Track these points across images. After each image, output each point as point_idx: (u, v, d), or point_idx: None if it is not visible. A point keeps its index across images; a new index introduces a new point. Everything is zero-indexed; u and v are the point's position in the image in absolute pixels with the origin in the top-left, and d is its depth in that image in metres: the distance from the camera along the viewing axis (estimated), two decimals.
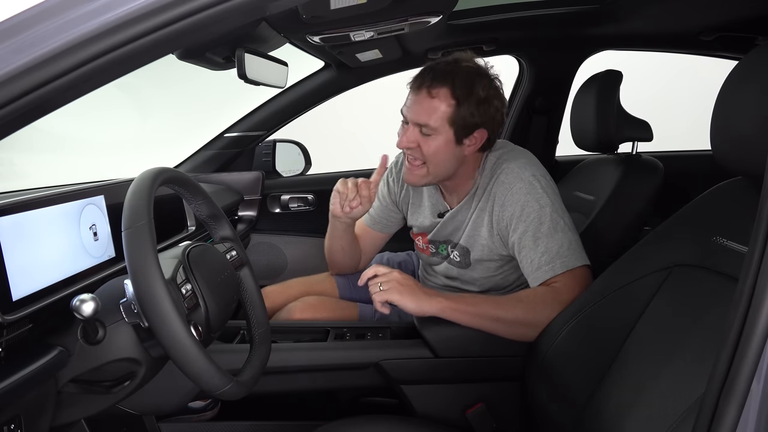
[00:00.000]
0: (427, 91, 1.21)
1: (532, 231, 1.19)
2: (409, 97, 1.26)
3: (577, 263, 1.17)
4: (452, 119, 1.21)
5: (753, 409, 0.51)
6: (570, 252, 1.17)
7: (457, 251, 1.36)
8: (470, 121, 1.21)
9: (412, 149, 1.25)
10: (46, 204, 0.86)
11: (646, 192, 1.40)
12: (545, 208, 1.19)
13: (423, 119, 1.21)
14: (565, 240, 1.18)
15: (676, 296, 0.89)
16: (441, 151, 1.23)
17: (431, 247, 1.44)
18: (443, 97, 1.20)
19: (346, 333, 1.26)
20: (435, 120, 1.20)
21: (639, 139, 1.48)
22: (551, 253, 1.17)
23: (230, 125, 2.02)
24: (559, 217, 1.20)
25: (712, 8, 1.51)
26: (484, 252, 1.30)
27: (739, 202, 0.87)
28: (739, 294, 0.54)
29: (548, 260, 1.17)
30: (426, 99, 1.21)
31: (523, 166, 1.25)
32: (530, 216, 1.19)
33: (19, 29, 0.57)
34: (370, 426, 1.07)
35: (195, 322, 0.80)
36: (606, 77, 1.44)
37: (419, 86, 1.22)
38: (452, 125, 1.21)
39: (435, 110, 1.20)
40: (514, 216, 1.21)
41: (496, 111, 1.24)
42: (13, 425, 0.70)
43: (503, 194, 1.23)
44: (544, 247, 1.17)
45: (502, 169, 1.26)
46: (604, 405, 0.89)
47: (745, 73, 0.78)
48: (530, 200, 1.20)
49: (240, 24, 0.65)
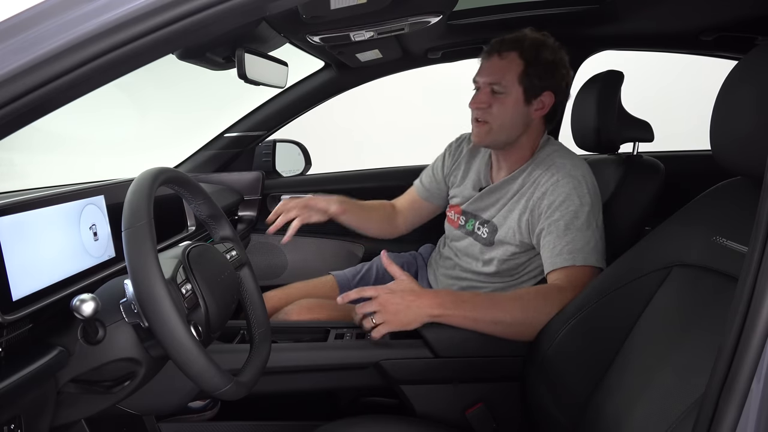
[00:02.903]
0: (497, 55, 1.31)
1: (566, 221, 1.22)
2: (481, 63, 1.35)
3: (595, 263, 1.20)
4: (521, 78, 1.28)
5: (753, 409, 0.51)
6: (594, 251, 1.21)
7: (487, 228, 1.39)
8: (538, 82, 1.29)
9: (482, 110, 1.32)
10: (46, 204, 0.86)
11: (647, 192, 1.40)
12: (585, 206, 1.23)
13: (494, 77, 1.30)
14: (592, 239, 1.21)
15: (675, 296, 0.89)
16: (509, 111, 1.30)
17: (461, 219, 1.49)
18: (513, 58, 1.29)
19: (346, 333, 1.26)
20: (505, 77, 1.29)
21: (640, 139, 1.48)
22: (577, 244, 1.20)
23: (230, 125, 2.02)
24: (594, 219, 1.24)
25: (712, 8, 1.51)
26: (509, 234, 1.33)
27: (739, 202, 0.87)
28: (739, 294, 0.54)
29: (571, 250, 1.20)
30: (497, 60, 1.31)
31: (576, 165, 1.30)
32: (569, 208, 1.23)
33: (19, 29, 0.57)
34: (370, 426, 1.07)
35: (195, 322, 0.80)
36: (607, 77, 1.44)
37: (489, 53, 1.33)
38: (521, 83, 1.29)
39: (505, 68, 1.29)
40: (553, 205, 1.24)
41: (562, 77, 1.33)
42: (13, 425, 0.70)
43: (548, 185, 1.27)
44: (571, 238, 1.21)
45: (555, 162, 1.30)
46: (604, 405, 0.89)
47: (745, 73, 0.78)
48: (573, 195, 1.24)
49: (240, 24, 0.65)
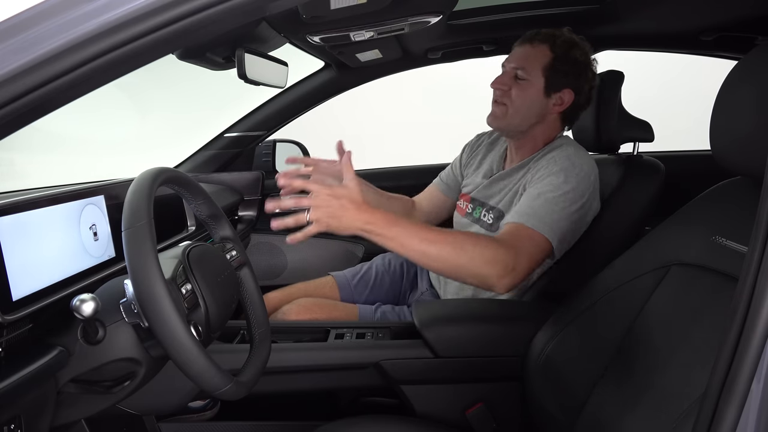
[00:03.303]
0: (529, 43, 1.33)
1: (540, 189, 1.22)
2: (512, 52, 1.37)
3: (548, 234, 1.16)
4: (546, 68, 1.30)
5: (753, 409, 0.51)
6: (551, 225, 1.17)
7: (493, 214, 1.39)
8: (562, 78, 1.30)
9: (502, 91, 1.33)
10: (46, 204, 0.86)
11: (647, 192, 1.40)
12: (567, 185, 1.21)
13: (520, 63, 1.32)
14: (556, 217, 1.18)
15: (674, 295, 0.89)
16: (527, 99, 1.31)
17: (470, 206, 1.49)
18: (542, 49, 1.31)
19: (346, 333, 1.26)
20: (531, 64, 1.30)
21: (640, 139, 1.48)
22: (539, 211, 1.18)
23: (230, 125, 2.02)
24: (571, 203, 1.21)
25: (712, 8, 1.51)
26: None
27: (739, 202, 0.87)
28: (739, 294, 0.54)
29: (530, 214, 1.18)
30: (527, 48, 1.33)
31: (581, 156, 1.29)
32: (552, 182, 1.22)
33: (19, 29, 0.57)
34: (370, 426, 1.07)
35: (195, 322, 0.80)
36: (607, 77, 1.44)
37: (522, 41, 1.35)
38: (544, 75, 1.30)
39: (532, 57, 1.31)
40: (538, 175, 1.25)
41: (586, 80, 1.33)
42: (13, 425, 0.70)
43: (547, 163, 1.28)
44: (538, 204, 1.19)
45: (561, 148, 1.31)
46: (604, 404, 0.89)
47: (745, 73, 0.78)
48: (561, 173, 1.23)
49: (240, 24, 0.65)
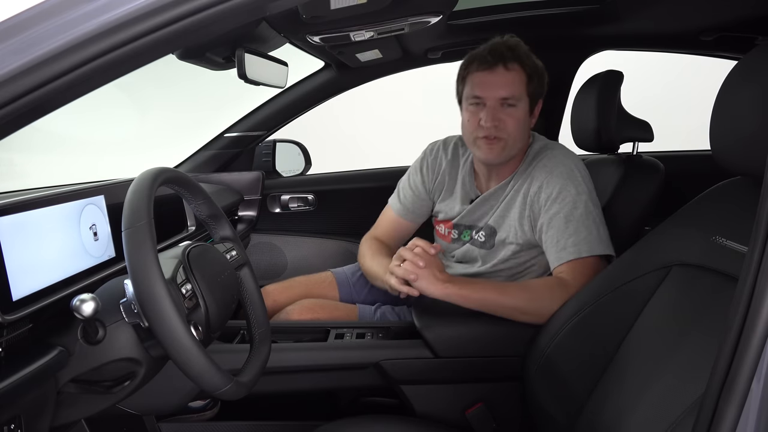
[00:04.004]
0: (503, 67, 1.27)
1: (565, 213, 1.22)
2: (480, 77, 1.28)
3: (602, 251, 1.20)
4: (528, 90, 1.29)
5: (753, 409, 0.51)
6: (598, 240, 1.20)
7: (484, 231, 1.38)
8: (538, 91, 1.32)
9: (496, 126, 1.27)
10: (46, 204, 0.86)
11: (647, 192, 1.40)
12: (582, 195, 1.23)
13: (508, 92, 1.27)
14: (594, 228, 1.21)
15: (675, 295, 0.89)
16: (521, 124, 1.29)
17: (454, 232, 1.46)
18: (518, 71, 1.28)
19: (346, 333, 1.26)
20: (517, 89, 1.28)
21: (640, 139, 1.48)
22: (580, 236, 1.20)
23: (230, 125, 2.02)
24: (593, 207, 1.24)
25: (712, 8, 1.51)
26: (510, 233, 1.33)
27: (739, 202, 0.87)
28: (739, 294, 0.54)
29: (575, 242, 1.20)
30: (504, 73, 1.27)
31: (567, 155, 1.31)
32: (566, 199, 1.23)
33: (19, 29, 0.56)
34: (370, 426, 1.07)
35: (195, 322, 0.80)
36: (607, 77, 1.44)
37: (493, 65, 1.27)
38: (528, 96, 1.30)
39: (516, 82, 1.28)
40: (551, 197, 1.24)
41: (547, 83, 1.36)
42: (13, 425, 0.70)
43: (543, 177, 1.27)
44: (573, 229, 1.20)
45: (545, 155, 1.31)
46: (604, 405, 0.89)
47: (745, 73, 0.78)
48: (569, 185, 1.24)
49: (240, 24, 0.65)
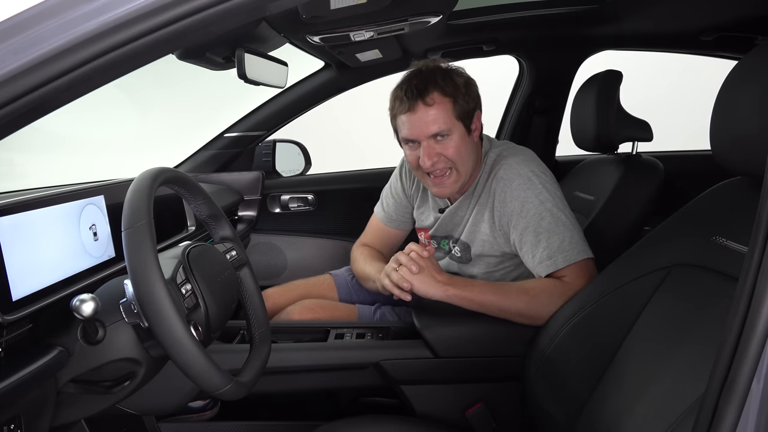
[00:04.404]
0: (422, 103, 1.22)
1: (533, 227, 1.20)
2: (405, 119, 1.25)
3: (579, 257, 1.18)
4: (456, 114, 1.24)
5: (753, 409, 0.51)
6: (572, 246, 1.18)
7: (459, 246, 1.38)
8: (470, 107, 1.26)
9: (436, 161, 1.25)
10: (46, 204, 0.86)
11: (646, 192, 1.40)
12: (545, 203, 1.21)
13: (435, 128, 1.23)
14: (566, 235, 1.19)
15: (675, 295, 0.89)
16: (462, 147, 1.26)
17: (433, 242, 1.46)
18: (440, 101, 1.22)
19: (346, 333, 1.26)
20: (446, 122, 1.23)
21: (639, 139, 1.48)
22: (552, 248, 1.18)
23: (230, 125, 2.02)
24: (559, 212, 1.21)
25: (712, 8, 1.51)
26: (485, 247, 1.32)
27: (739, 202, 0.87)
28: (739, 294, 0.54)
29: (549, 255, 1.18)
30: (426, 110, 1.22)
31: (521, 162, 1.27)
32: (530, 212, 1.21)
33: (19, 29, 0.56)
34: (370, 426, 1.07)
35: (195, 322, 0.80)
36: (606, 77, 1.44)
37: (412, 104, 1.23)
38: (459, 119, 1.25)
39: (440, 115, 1.22)
40: (515, 212, 1.23)
41: (477, 91, 1.30)
42: (13, 425, 0.70)
43: (502, 190, 1.25)
44: (546, 243, 1.19)
45: (500, 165, 1.28)
46: (604, 405, 0.89)
47: (745, 73, 0.78)
48: (530, 196, 1.21)
49: (240, 24, 0.65)
